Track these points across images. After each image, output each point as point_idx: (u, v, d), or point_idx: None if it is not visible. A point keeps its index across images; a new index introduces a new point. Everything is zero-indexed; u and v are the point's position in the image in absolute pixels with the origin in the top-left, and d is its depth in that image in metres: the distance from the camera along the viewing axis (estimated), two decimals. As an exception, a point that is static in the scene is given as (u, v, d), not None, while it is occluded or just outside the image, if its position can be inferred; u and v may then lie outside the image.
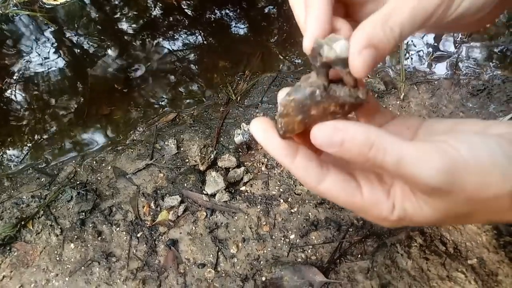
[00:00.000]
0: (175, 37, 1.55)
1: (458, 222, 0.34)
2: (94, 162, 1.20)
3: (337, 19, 0.36)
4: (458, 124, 0.34)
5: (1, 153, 1.27)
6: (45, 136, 1.31)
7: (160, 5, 1.66)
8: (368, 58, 0.30)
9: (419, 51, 1.41)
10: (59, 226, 1.05)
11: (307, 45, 0.34)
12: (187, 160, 1.16)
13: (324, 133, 0.30)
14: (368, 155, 0.28)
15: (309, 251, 0.95)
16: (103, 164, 1.19)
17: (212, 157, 1.14)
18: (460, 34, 1.42)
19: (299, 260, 0.94)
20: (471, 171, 0.27)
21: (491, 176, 0.28)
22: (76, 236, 1.03)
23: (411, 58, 1.39)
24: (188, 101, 1.37)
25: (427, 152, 0.28)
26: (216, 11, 1.61)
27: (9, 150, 1.28)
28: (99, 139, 1.29)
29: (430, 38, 1.43)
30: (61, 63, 1.51)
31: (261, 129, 0.34)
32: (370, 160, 0.29)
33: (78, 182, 1.14)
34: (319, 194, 0.34)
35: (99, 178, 1.15)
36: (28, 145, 1.29)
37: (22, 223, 1.06)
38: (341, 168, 0.35)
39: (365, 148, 0.28)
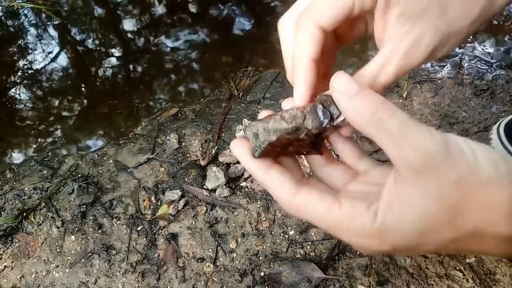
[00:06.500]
0: (178, 32, 1.55)
1: (444, 246, 0.33)
2: (96, 155, 1.21)
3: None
4: None
5: (4, 145, 1.28)
6: (47, 129, 1.31)
7: (164, 0, 1.66)
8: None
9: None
10: (60, 218, 1.06)
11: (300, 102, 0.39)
12: (188, 155, 1.17)
13: (344, 79, 0.32)
14: (377, 111, 0.29)
15: (308, 247, 0.96)
16: (105, 158, 1.20)
17: (213, 152, 1.14)
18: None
19: (298, 256, 0.94)
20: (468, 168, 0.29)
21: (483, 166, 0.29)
22: (77, 229, 1.04)
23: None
24: (190, 96, 1.38)
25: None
26: (219, 6, 1.61)
27: (12, 142, 1.29)
28: (101, 132, 1.30)
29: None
30: (64, 56, 1.52)
31: (238, 147, 0.39)
32: (377, 115, 0.29)
33: (79, 175, 1.15)
34: (293, 210, 0.36)
35: (100, 171, 1.16)
36: (31, 137, 1.29)
37: (24, 214, 1.07)
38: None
39: (377, 103, 0.30)
